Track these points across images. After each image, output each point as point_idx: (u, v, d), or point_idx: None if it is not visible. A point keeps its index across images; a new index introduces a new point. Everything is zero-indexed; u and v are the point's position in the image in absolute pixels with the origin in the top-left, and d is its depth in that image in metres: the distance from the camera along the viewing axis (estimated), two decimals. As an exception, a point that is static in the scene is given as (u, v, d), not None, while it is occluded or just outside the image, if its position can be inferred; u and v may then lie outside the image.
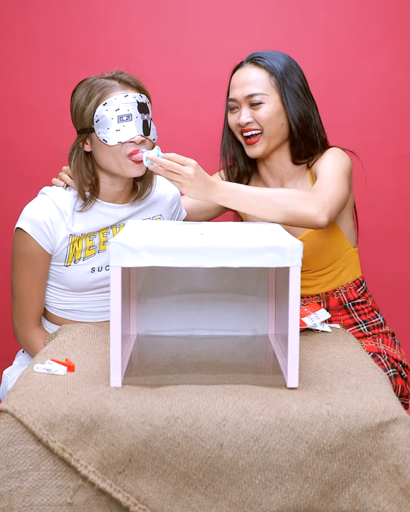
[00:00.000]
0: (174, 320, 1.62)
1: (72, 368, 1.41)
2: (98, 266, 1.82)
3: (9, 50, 2.48)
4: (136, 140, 1.72)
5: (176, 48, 2.49)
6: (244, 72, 1.92)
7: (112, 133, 1.71)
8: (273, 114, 1.89)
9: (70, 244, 1.79)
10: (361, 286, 1.99)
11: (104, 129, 1.71)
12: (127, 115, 1.71)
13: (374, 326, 1.97)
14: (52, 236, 1.77)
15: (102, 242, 1.82)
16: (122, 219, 1.85)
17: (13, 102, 2.48)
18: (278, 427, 1.22)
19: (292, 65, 1.92)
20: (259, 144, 1.92)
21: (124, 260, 1.28)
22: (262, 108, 1.89)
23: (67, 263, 1.80)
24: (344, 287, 1.96)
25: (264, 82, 1.89)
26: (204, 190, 1.65)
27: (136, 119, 1.72)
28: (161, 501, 1.23)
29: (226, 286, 1.62)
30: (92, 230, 1.81)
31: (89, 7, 2.47)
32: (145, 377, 1.38)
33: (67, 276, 1.82)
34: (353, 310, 1.96)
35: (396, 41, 2.46)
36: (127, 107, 1.72)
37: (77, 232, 1.79)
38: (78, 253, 1.80)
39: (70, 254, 1.79)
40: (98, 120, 1.71)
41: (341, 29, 2.46)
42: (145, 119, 1.75)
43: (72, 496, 1.25)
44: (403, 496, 1.23)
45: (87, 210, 1.80)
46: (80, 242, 1.80)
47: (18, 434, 1.25)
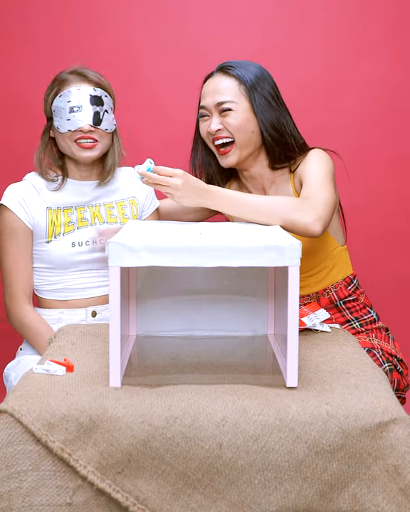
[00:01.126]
0: (174, 320, 1.61)
1: (71, 368, 1.41)
2: (78, 241, 1.94)
3: (9, 50, 2.48)
4: (84, 129, 1.89)
5: (176, 48, 2.49)
6: (214, 81, 1.92)
7: (63, 122, 1.90)
8: (243, 121, 1.88)
9: (49, 219, 1.93)
10: (352, 283, 1.99)
11: (58, 118, 1.91)
12: (78, 106, 1.89)
13: (366, 322, 1.97)
14: (28, 208, 1.92)
15: (80, 219, 1.96)
16: (95, 197, 1.99)
17: (13, 102, 2.48)
18: (277, 427, 1.22)
19: (263, 74, 1.92)
20: (232, 154, 1.91)
21: (123, 260, 1.28)
22: (231, 115, 1.88)
23: (48, 238, 1.93)
24: (334, 286, 1.97)
25: (233, 90, 1.89)
26: (197, 197, 1.68)
27: (86, 110, 1.89)
28: (160, 501, 1.23)
29: (226, 287, 1.62)
30: (67, 205, 1.96)
31: (89, 7, 2.48)
32: (144, 378, 1.38)
33: (50, 253, 1.93)
34: (344, 308, 1.97)
35: (395, 41, 2.47)
36: (79, 99, 1.89)
37: (53, 205, 1.94)
38: (57, 227, 1.93)
39: (50, 229, 1.93)
40: (55, 110, 1.92)
41: (340, 29, 2.47)
42: (97, 110, 1.90)
43: (71, 496, 1.25)
44: (403, 496, 1.23)
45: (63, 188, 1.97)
46: (58, 216, 1.94)
47: (17, 434, 1.25)
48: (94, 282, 1.96)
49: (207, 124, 1.93)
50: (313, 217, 1.69)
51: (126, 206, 2.02)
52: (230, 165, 1.93)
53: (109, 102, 1.94)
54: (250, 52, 2.48)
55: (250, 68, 1.91)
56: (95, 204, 1.98)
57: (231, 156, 1.92)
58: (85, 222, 1.96)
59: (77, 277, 1.95)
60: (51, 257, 1.93)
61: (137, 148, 2.47)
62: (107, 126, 1.93)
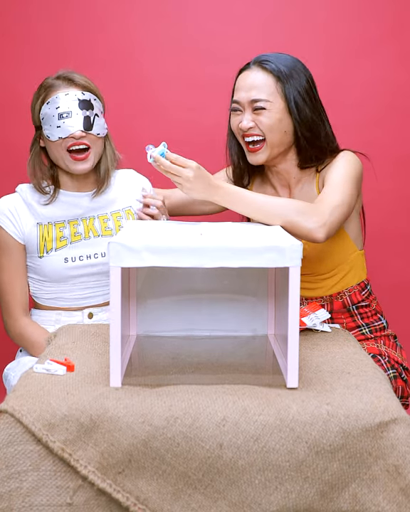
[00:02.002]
0: (174, 320, 1.61)
1: (72, 367, 1.41)
2: (72, 256, 1.90)
3: (9, 50, 2.48)
4: (75, 135, 1.82)
5: (176, 48, 2.49)
6: (251, 75, 1.86)
7: (53, 129, 1.83)
8: (276, 120, 1.84)
9: (40, 235, 1.88)
10: (365, 288, 1.98)
11: (48, 125, 1.83)
12: (67, 112, 1.82)
13: (376, 329, 1.95)
14: (17, 223, 1.88)
15: (73, 234, 1.90)
16: (89, 209, 1.93)
17: (13, 103, 2.48)
18: (278, 427, 1.22)
19: (300, 69, 1.87)
20: (261, 152, 1.87)
21: (123, 260, 1.28)
22: (264, 114, 1.83)
23: (40, 254, 1.89)
24: (348, 290, 1.95)
25: (270, 87, 1.83)
26: (205, 191, 1.67)
27: (76, 115, 1.83)
28: (160, 501, 1.23)
29: (226, 287, 1.62)
30: (59, 219, 1.90)
31: (89, 7, 2.47)
32: (145, 378, 1.38)
33: (43, 268, 1.90)
34: (356, 313, 1.95)
35: (395, 41, 2.46)
36: (68, 105, 1.83)
37: (44, 220, 1.89)
38: (49, 243, 1.88)
39: (41, 244, 1.88)
40: (43, 118, 1.85)
41: (340, 29, 2.47)
42: (87, 115, 1.85)
43: (72, 496, 1.25)
44: (403, 496, 1.23)
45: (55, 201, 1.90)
46: (50, 231, 1.88)
47: (17, 434, 1.25)
48: (92, 292, 1.94)
49: (239, 119, 1.88)
50: (318, 223, 1.68)
51: (122, 217, 1.96)
52: (258, 163, 1.90)
53: (99, 106, 1.89)
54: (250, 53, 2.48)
55: (287, 63, 1.86)
56: (88, 217, 1.92)
57: (261, 155, 1.88)
58: (78, 237, 1.90)
59: (75, 288, 1.92)
60: (44, 272, 1.90)
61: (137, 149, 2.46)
62: (99, 131, 1.87)
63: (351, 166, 1.86)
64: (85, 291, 1.93)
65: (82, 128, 1.83)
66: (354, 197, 1.82)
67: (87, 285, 1.93)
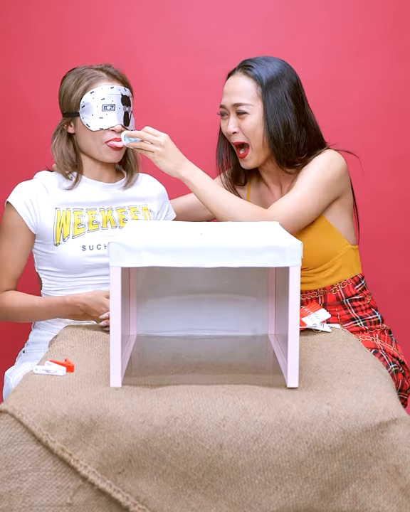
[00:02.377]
0: (174, 320, 1.61)
1: (72, 368, 1.41)
2: (89, 244, 1.88)
3: (9, 50, 2.48)
4: (116, 129, 1.87)
5: (176, 48, 2.49)
6: (234, 80, 1.94)
7: (95, 119, 1.86)
8: (257, 125, 1.89)
9: (57, 221, 1.87)
10: (359, 283, 2.00)
11: (89, 114, 1.86)
12: (111, 105, 1.86)
13: (370, 322, 1.98)
14: (34, 211, 1.87)
15: (91, 222, 1.90)
16: (108, 200, 1.94)
17: (13, 102, 2.48)
18: (278, 427, 1.22)
19: (283, 72, 1.90)
20: (249, 158, 1.94)
21: (123, 260, 1.28)
22: (246, 119, 1.90)
23: (56, 241, 1.87)
24: (341, 283, 1.97)
25: (251, 92, 1.89)
26: (175, 161, 1.80)
27: (118, 109, 1.88)
28: (160, 501, 1.23)
29: (226, 286, 1.62)
30: (77, 205, 1.90)
31: (89, 7, 2.47)
32: (145, 378, 1.38)
33: (59, 256, 1.87)
34: (350, 306, 1.97)
35: (394, 41, 2.46)
36: (112, 98, 1.87)
37: (62, 205, 1.89)
38: (66, 229, 1.87)
39: (58, 230, 1.87)
40: (84, 106, 1.86)
41: (340, 29, 2.47)
42: (127, 110, 1.90)
43: (72, 497, 1.25)
44: (403, 496, 1.23)
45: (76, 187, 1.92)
46: (68, 217, 1.88)
47: (17, 434, 1.25)
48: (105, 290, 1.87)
49: (226, 124, 1.96)
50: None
51: (139, 212, 1.97)
52: (249, 167, 1.97)
53: (132, 103, 1.95)
54: (249, 53, 2.48)
55: (271, 66, 1.90)
56: (107, 208, 1.93)
57: (249, 161, 1.95)
58: (96, 225, 1.90)
59: (88, 284, 1.89)
60: (60, 261, 1.87)
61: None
62: (133, 127, 1.93)
63: (325, 170, 1.89)
64: (99, 287, 1.89)
65: (122, 123, 1.88)
66: (319, 203, 1.87)
67: (102, 280, 1.89)
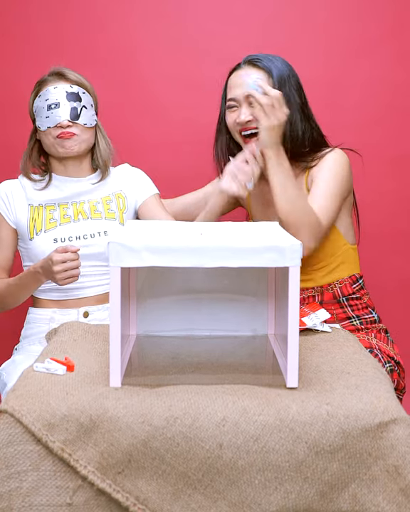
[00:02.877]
0: (174, 320, 1.61)
1: (72, 367, 1.41)
2: (61, 237, 1.95)
3: (9, 50, 2.48)
4: (63, 124, 1.92)
5: (176, 48, 2.49)
6: (243, 73, 1.94)
7: (43, 120, 1.94)
8: None
9: (30, 216, 1.96)
10: (357, 282, 2.00)
11: (39, 117, 1.95)
12: (55, 103, 1.93)
13: (367, 322, 1.97)
14: (11, 206, 1.98)
15: (62, 216, 1.97)
16: (80, 193, 2.00)
17: (13, 103, 2.48)
18: (278, 427, 1.22)
19: (288, 68, 1.94)
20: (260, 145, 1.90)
21: (123, 260, 1.28)
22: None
23: (31, 236, 1.95)
24: (339, 282, 1.98)
25: (263, 82, 1.88)
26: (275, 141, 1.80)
27: (63, 106, 1.93)
28: (160, 501, 1.23)
29: (226, 286, 1.62)
30: (49, 202, 1.98)
31: (89, 7, 2.47)
32: (145, 378, 1.38)
33: (34, 251, 1.96)
34: (347, 305, 1.97)
35: (394, 41, 2.46)
36: (56, 96, 1.93)
37: (35, 202, 1.98)
38: (38, 225, 1.95)
39: (31, 225, 1.95)
40: (36, 111, 1.97)
41: (340, 29, 2.47)
42: (75, 106, 1.94)
43: (71, 496, 1.25)
44: (403, 496, 1.23)
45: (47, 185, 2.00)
46: (40, 213, 1.96)
47: (17, 434, 1.25)
48: (85, 282, 1.95)
49: (236, 115, 1.95)
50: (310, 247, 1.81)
51: (112, 201, 2.02)
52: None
53: (88, 99, 1.97)
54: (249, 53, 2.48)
55: (276, 62, 1.93)
56: (79, 201, 1.99)
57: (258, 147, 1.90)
58: (67, 219, 1.97)
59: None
60: (35, 255, 1.95)
61: (137, 149, 2.47)
62: (86, 121, 1.95)
63: (338, 167, 1.92)
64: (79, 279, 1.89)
65: (69, 118, 1.92)
66: (340, 198, 1.90)
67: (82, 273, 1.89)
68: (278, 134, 1.80)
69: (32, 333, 1.98)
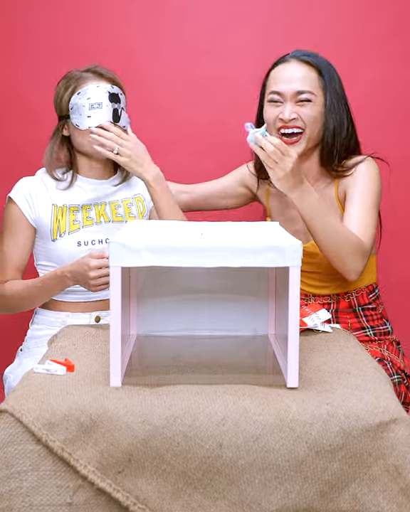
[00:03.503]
0: (174, 320, 1.61)
1: (72, 367, 1.41)
2: (84, 240, 1.93)
3: (9, 51, 2.48)
4: (104, 125, 1.89)
5: (176, 48, 2.49)
6: (291, 67, 1.88)
7: (83, 118, 1.89)
8: (319, 113, 1.86)
9: (54, 217, 1.92)
10: (373, 292, 1.98)
11: (78, 115, 1.90)
12: (98, 103, 1.89)
13: (381, 333, 1.95)
14: (33, 205, 1.93)
15: (85, 218, 1.95)
16: (102, 196, 1.99)
17: (12, 103, 2.48)
18: (278, 426, 1.22)
19: (333, 68, 1.91)
20: (298, 145, 1.87)
21: (124, 260, 1.28)
22: (308, 106, 1.85)
23: (53, 237, 1.92)
24: (356, 291, 1.95)
25: (314, 81, 1.86)
26: (290, 187, 1.69)
27: (106, 107, 1.90)
28: (160, 501, 1.23)
29: (226, 286, 1.62)
30: (73, 203, 1.95)
31: (89, 7, 2.48)
32: (145, 377, 1.38)
33: (56, 252, 1.93)
34: (362, 315, 1.95)
35: (397, 41, 2.46)
36: (98, 96, 1.90)
37: (59, 202, 1.94)
38: (62, 226, 1.92)
39: (55, 226, 1.92)
40: (72, 107, 1.91)
41: (341, 29, 2.46)
42: (115, 107, 1.92)
43: (71, 496, 1.25)
44: (403, 496, 1.23)
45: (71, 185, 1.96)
46: (64, 213, 1.93)
47: (17, 434, 1.25)
48: None
49: (279, 110, 1.87)
50: (358, 270, 1.77)
51: (132, 204, 2.02)
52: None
53: (124, 100, 1.97)
54: (250, 52, 2.48)
55: (323, 61, 1.89)
56: (100, 202, 1.98)
57: (297, 147, 1.87)
58: (90, 221, 1.95)
59: None
60: (57, 256, 1.92)
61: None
62: (125, 123, 1.95)
63: (373, 181, 1.88)
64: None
65: (111, 119, 1.90)
66: (376, 212, 1.87)
67: None
68: (295, 177, 1.68)
69: (40, 335, 1.96)
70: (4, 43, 2.48)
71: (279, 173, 1.66)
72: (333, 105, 1.87)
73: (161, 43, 2.48)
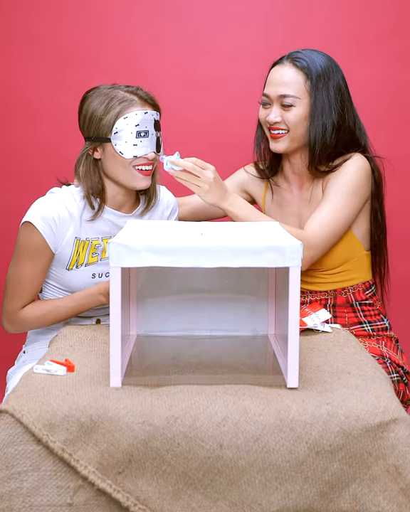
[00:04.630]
0: (174, 320, 1.61)
1: (72, 368, 1.41)
2: (99, 272, 1.86)
3: (10, 52, 2.48)
4: (149, 156, 1.78)
5: (176, 48, 2.49)
6: (282, 71, 1.90)
7: (128, 146, 1.75)
8: (302, 118, 1.88)
9: (75, 250, 1.82)
10: (369, 289, 1.99)
11: (122, 141, 1.75)
12: (145, 131, 1.77)
13: (378, 328, 1.96)
14: (58, 233, 1.78)
15: (105, 251, 1.85)
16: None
17: (14, 104, 2.48)
18: (278, 427, 1.22)
19: (333, 70, 1.90)
20: (282, 141, 1.92)
21: (123, 260, 1.28)
22: (292, 111, 1.88)
23: (69, 267, 1.83)
24: (353, 287, 1.96)
25: (299, 85, 1.87)
26: (219, 196, 1.76)
27: (151, 135, 1.78)
28: (160, 501, 1.23)
29: (226, 286, 1.62)
30: (96, 236, 1.85)
31: (90, 8, 2.48)
32: (145, 378, 1.38)
33: (68, 280, 1.85)
34: (359, 310, 1.96)
35: (395, 41, 2.46)
36: (146, 124, 1.77)
37: (82, 236, 1.82)
38: (81, 258, 1.83)
39: (74, 259, 1.82)
40: (117, 132, 1.75)
41: (340, 29, 2.47)
42: (158, 136, 1.81)
43: (72, 497, 1.25)
44: (403, 496, 1.23)
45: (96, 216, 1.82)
46: (85, 247, 1.83)
47: (18, 434, 1.25)
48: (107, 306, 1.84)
49: (266, 113, 1.93)
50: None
51: None
52: (278, 151, 1.94)
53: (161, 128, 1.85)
54: (250, 52, 2.49)
55: (319, 62, 1.89)
56: None
57: (281, 143, 1.92)
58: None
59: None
60: (69, 284, 1.85)
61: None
62: (161, 153, 1.83)
63: (355, 177, 1.90)
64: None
65: (155, 149, 1.79)
66: (353, 211, 1.89)
67: None
68: (219, 188, 1.75)
69: (40, 338, 1.93)
70: (4, 43, 2.48)
71: (204, 186, 1.72)
72: (319, 111, 1.88)
73: (161, 42, 2.48)
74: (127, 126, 1.75)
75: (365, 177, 1.91)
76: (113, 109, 1.75)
